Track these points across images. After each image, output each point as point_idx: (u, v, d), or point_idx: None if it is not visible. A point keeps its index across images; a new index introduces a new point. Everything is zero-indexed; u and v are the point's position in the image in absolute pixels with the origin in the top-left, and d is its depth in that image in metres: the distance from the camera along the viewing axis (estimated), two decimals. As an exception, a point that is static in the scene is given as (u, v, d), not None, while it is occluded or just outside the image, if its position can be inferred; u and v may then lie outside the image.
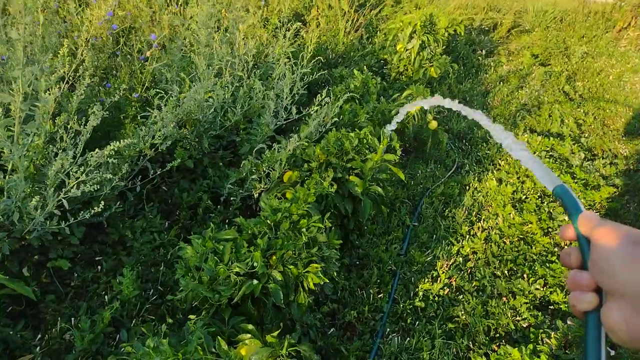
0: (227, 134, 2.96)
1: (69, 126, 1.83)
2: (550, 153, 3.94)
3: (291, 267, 1.86)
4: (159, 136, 2.20)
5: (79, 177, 1.65)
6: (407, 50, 4.61)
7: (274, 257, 1.87)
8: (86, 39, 1.89)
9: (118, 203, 2.24)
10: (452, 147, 3.98)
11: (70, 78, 2.01)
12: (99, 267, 2.20)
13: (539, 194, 3.29)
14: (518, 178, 3.45)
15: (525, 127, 4.39)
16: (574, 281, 0.57)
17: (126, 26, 2.88)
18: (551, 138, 4.12)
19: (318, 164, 2.51)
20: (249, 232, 1.98)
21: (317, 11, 5.58)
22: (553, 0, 9.34)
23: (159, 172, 2.37)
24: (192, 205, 2.66)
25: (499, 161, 3.79)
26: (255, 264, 1.79)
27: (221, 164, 2.94)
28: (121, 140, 1.70)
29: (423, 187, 3.34)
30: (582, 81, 5.85)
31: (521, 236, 2.89)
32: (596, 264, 0.54)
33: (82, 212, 1.89)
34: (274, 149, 2.56)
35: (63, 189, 1.68)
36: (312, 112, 2.81)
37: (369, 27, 6.24)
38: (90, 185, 1.62)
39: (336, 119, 2.96)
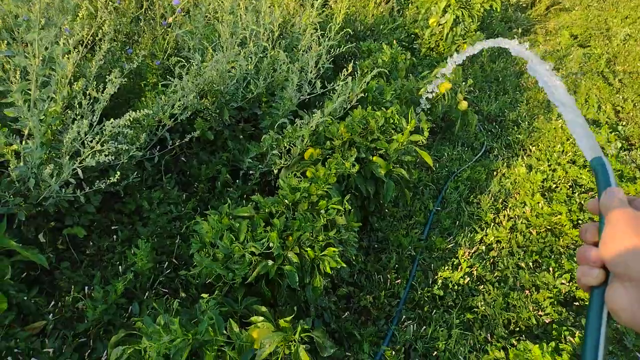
0: (249, 107, 2.88)
1: (87, 92, 1.78)
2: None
3: (308, 249, 1.80)
4: (179, 106, 2.13)
5: (94, 147, 1.59)
6: (439, 25, 4.41)
7: (291, 238, 1.81)
8: (106, 1, 1.80)
9: (136, 173, 2.20)
10: (481, 130, 3.83)
11: (89, 42, 1.94)
12: (115, 236, 2.18)
13: (570, 184, 3.14)
14: (549, 165, 3.30)
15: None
16: (583, 255, 0.57)
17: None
18: (588, 125, 3.92)
19: (341, 143, 2.42)
20: (266, 210, 1.92)
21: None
22: (597, -23, 8.85)
23: (178, 143, 2.31)
24: (210, 178, 2.61)
25: (530, 146, 3.63)
26: (271, 245, 1.74)
27: (242, 137, 2.87)
28: (138, 110, 1.63)
29: (449, 170, 3.22)
30: (623, 65, 5.55)
31: (549, 227, 2.77)
32: (606, 243, 0.54)
33: (98, 180, 1.86)
34: (296, 124, 2.47)
35: (78, 158, 1.64)
36: (336, 88, 2.69)
37: (400, 0, 6.01)
38: (106, 156, 1.57)
39: (362, 94, 2.84)
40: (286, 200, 1.92)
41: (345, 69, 2.69)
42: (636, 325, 0.50)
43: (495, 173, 3.28)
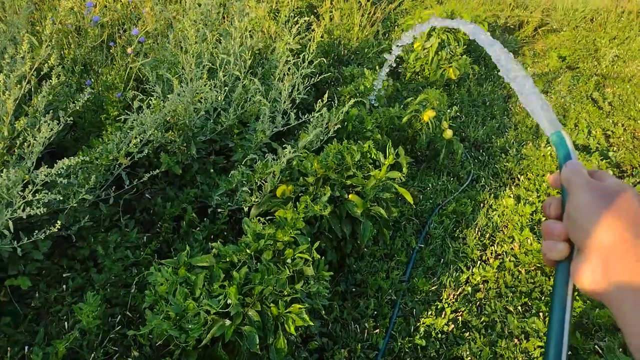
0: (221, 138, 2.72)
1: (26, 134, 1.61)
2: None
3: (271, 305, 1.62)
4: (135, 144, 1.97)
5: (26, 197, 1.42)
6: (424, 49, 4.31)
7: (253, 293, 1.63)
8: (51, 32, 1.65)
9: (89, 216, 2.02)
10: (467, 157, 3.69)
11: (34, 77, 1.78)
12: (65, 285, 1.98)
13: (560, 216, 2.99)
14: (538, 197, 3.16)
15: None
16: (547, 230, 0.57)
17: (114, 17, 2.65)
18: (577, 152, 3.80)
19: (315, 179, 2.26)
20: (227, 260, 1.75)
21: (332, 3, 5.28)
22: (584, -2, 8.87)
23: (137, 181, 2.14)
24: (176, 216, 2.43)
25: (518, 175, 3.48)
26: (229, 302, 1.56)
27: (212, 170, 2.70)
28: (79, 156, 1.46)
29: (433, 202, 3.06)
30: (612, 87, 5.47)
31: (539, 265, 2.61)
32: (568, 214, 0.55)
33: (41, 229, 1.67)
34: (267, 159, 2.31)
35: (9, 209, 1.46)
36: (312, 119, 2.54)
37: (386, 22, 5.93)
38: (37, 208, 1.39)
39: (339, 125, 2.69)
40: (248, 250, 1.74)
41: (321, 100, 2.55)
42: (598, 294, 0.51)
43: (482, 205, 3.12)
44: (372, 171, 2.22)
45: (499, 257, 2.69)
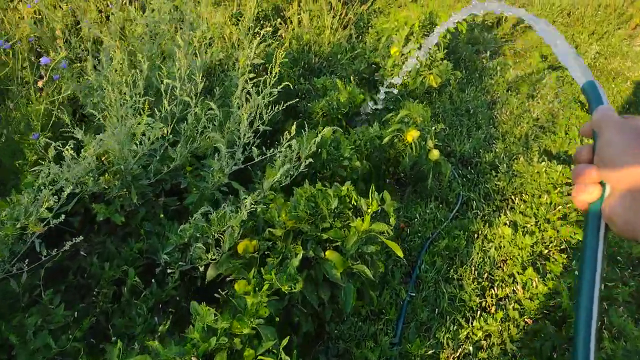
0: (171, 176, 2.28)
1: None
2: (568, 181, 3.29)
3: None
4: (48, 207, 1.52)
5: None
6: (402, 55, 3.93)
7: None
8: None
9: (-6, 300, 1.57)
10: (455, 176, 3.33)
11: None
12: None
13: (563, 246, 2.66)
14: (537, 223, 2.82)
15: (539, 149, 3.74)
16: (578, 173, 0.57)
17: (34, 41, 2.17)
18: (572, 166, 3.48)
19: (284, 232, 1.85)
20: (169, 365, 1.33)
21: (299, 5, 4.85)
22: (560, -9, 8.65)
23: (59, 251, 1.69)
24: (116, 280, 1.99)
25: (512, 197, 3.15)
26: None
27: (162, 215, 2.26)
28: None
29: (422, 236, 2.69)
30: (597, 87, 5.20)
31: (547, 312, 2.26)
32: (599, 154, 0.55)
33: None
34: (224, 209, 1.88)
35: None
36: (280, 152, 2.13)
37: (359, 23, 5.53)
38: None
39: (311, 159, 2.28)
40: (196, 351, 1.33)
41: (287, 132, 2.14)
42: (630, 232, 0.50)
43: (476, 236, 2.77)
44: (353, 221, 1.83)
45: (501, 302, 2.33)
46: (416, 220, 2.80)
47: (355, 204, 1.92)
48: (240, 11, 4.52)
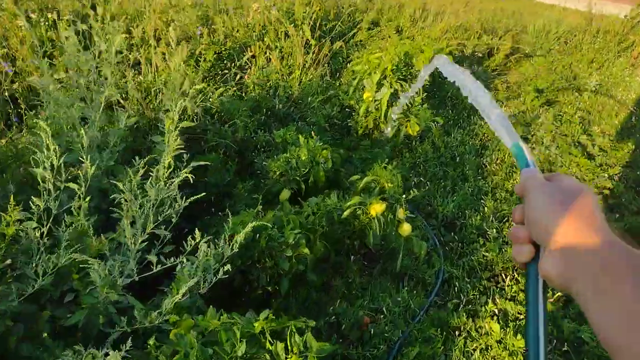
0: (54, 283, 1.78)
1: None
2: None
3: None
4: None
5: None
6: (375, 101, 3.46)
7: None
8: None
9: None
10: (435, 244, 2.82)
11: None
12: None
13: (565, 349, 2.13)
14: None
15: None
16: (513, 235, 0.60)
17: None
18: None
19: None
20: None
21: (266, 43, 4.42)
22: (556, 16, 8.23)
23: None
24: None
25: (502, 274, 2.63)
26: None
27: (45, 335, 1.76)
28: None
29: (388, 340, 2.16)
30: (599, 125, 4.73)
31: None
32: (526, 216, 0.58)
33: None
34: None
35: None
36: (185, 263, 1.63)
37: (338, 57, 5.09)
38: None
39: (236, 250, 1.78)
40: None
41: (198, 232, 1.64)
42: (564, 285, 0.52)
43: (457, 333, 2.24)
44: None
45: None
46: (383, 314, 2.28)
47: (296, 343, 1.41)
48: (200, 51, 4.08)
